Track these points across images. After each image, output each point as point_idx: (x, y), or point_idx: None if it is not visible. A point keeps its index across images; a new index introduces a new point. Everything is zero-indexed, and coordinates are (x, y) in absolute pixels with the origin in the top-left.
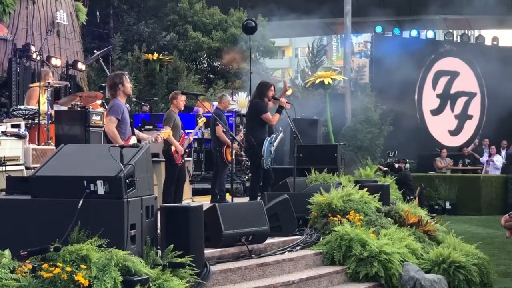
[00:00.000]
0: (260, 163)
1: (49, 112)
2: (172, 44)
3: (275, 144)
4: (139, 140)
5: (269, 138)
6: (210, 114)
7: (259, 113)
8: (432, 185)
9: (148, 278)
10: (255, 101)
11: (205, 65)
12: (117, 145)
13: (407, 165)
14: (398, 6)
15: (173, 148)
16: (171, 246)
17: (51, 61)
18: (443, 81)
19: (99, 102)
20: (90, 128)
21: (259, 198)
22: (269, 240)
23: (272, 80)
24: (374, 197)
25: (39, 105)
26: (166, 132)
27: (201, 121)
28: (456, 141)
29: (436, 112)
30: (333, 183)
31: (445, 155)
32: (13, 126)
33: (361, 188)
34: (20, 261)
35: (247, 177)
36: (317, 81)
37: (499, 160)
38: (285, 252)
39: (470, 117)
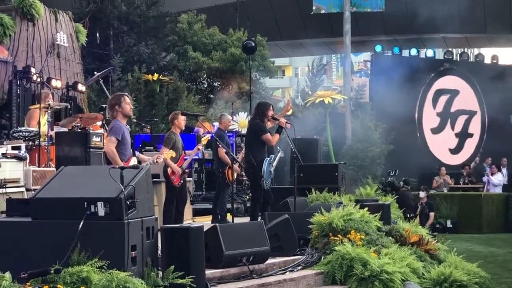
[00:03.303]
0: (260, 183)
1: (49, 134)
2: (172, 64)
3: (274, 164)
4: (139, 162)
5: (268, 158)
6: (211, 135)
7: (259, 134)
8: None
9: None
10: (254, 122)
11: (205, 85)
12: (117, 166)
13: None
14: (398, 25)
15: (169, 170)
16: (172, 267)
17: (51, 83)
18: (443, 99)
19: (99, 123)
20: (91, 150)
21: (259, 218)
22: (270, 260)
23: (272, 99)
24: (375, 216)
25: (39, 127)
26: (168, 153)
27: (204, 139)
28: (456, 160)
29: (436, 130)
30: (333, 202)
31: (444, 173)
32: (13, 148)
33: (362, 207)
34: (21, 283)
35: (247, 197)
36: (317, 101)
37: (498, 177)
38: (286, 272)
39: (471, 135)
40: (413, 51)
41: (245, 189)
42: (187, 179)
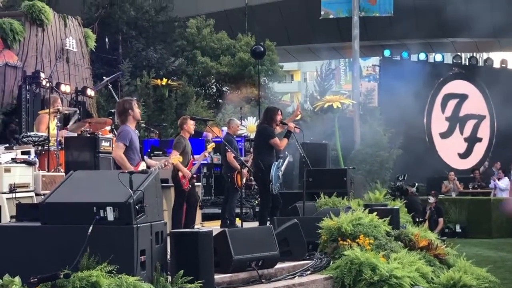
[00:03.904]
0: (268, 188)
1: (58, 139)
2: (180, 69)
3: (282, 168)
4: (148, 167)
5: (276, 163)
6: (219, 139)
7: (267, 138)
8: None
9: None
10: (263, 126)
11: (214, 90)
12: (126, 171)
13: (414, 189)
14: (406, 30)
15: (180, 173)
16: (181, 271)
17: (60, 88)
18: (451, 104)
19: (108, 128)
20: (100, 154)
21: (268, 222)
22: (279, 265)
23: (281, 104)
24: (384, 221)
25: (48, 132)
26: (176, 158)
27: (210, 146)
28: (465, 164)
29: (445, 135)
30: (342, 207)
31: (453, 178)
32: (23, 153)
33: (370, 212)
34: None
35: (256, 202)
36: (326, 105)
37: (504, 182)
38: (295, 276)
39: (480, 139)
40: (422, 56)
41: (254, 193)
42: (196, 184)
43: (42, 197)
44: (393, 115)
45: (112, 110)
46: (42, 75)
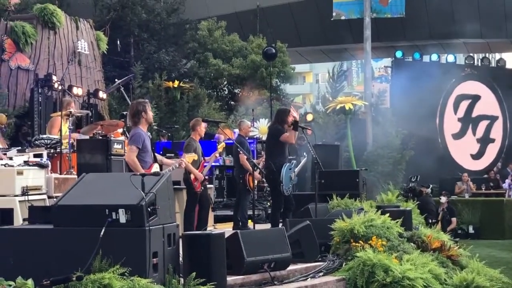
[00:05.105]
0: (279, 189)
1: (71, 141)
2: (192, 71)
3: (296, 170)
4: (161, 166)
5: (288, 164)
6: (231, 141)
7: (277, 137)
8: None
9: None
10: (274, 127)
11: (226, 92)
12: (138, 173)
13: (428, 190)
14: (418, 31)
15: (192, 176)
16: (193, 274)
17: (72, 90)
18: (464, 105)
19: (120, 130)
20: (112, 157)
21: (281, 224)
22: (291, 267)
23: (292, 106)
24: (397, 222)
25: (61, 134)
26: (190, 157)
27: (220, 146)
28: (478, 165)
29: (457, 136)
30: (355, 208)
31: (466, 179)
32: (35, 155)
33: (383, 213)
34: None
35: (268, 204)
36: (338, 107)
37: None
38: (308, 278)
39: (492, 140)
40: (434, 57)
41: (266, 195)
42: (208, 186)
43: (54, 199)
44: (406, 116)
45: (124, 113)
46: (54, 78)
